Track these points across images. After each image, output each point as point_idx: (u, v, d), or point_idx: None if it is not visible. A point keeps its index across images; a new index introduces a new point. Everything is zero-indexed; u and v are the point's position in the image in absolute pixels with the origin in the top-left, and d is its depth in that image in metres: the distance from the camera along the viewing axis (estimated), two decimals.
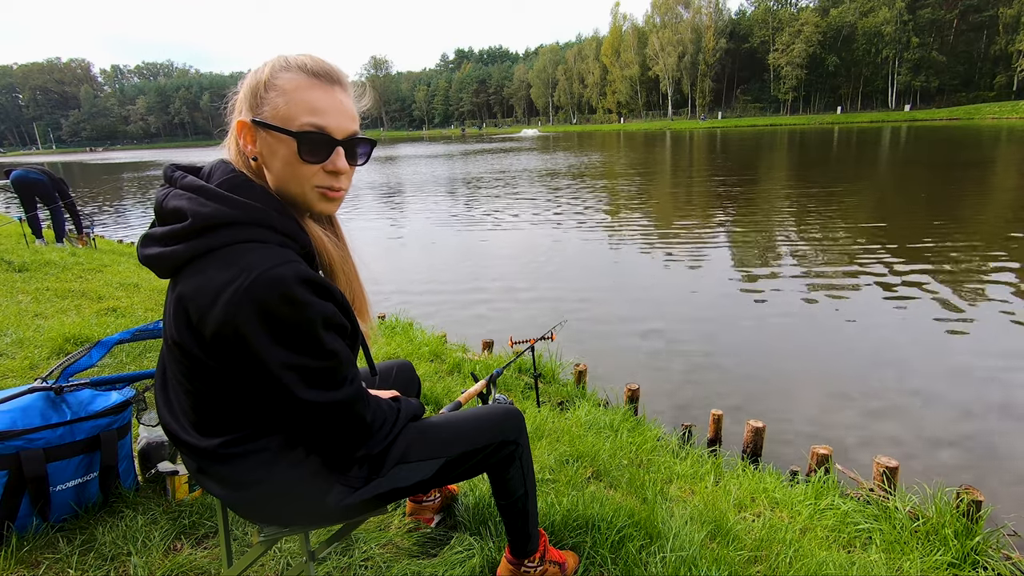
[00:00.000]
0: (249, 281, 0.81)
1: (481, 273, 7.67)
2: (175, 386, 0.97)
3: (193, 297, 0.84)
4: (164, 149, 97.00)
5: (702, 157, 25.93)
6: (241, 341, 0.83)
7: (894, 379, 4.11)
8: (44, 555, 1.42)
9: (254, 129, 0.91)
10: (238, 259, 0.83)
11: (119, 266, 5.79)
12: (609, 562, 1.53)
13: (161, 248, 0.88)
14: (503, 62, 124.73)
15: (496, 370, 1.94)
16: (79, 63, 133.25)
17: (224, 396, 0.92)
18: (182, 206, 0.87)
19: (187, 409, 0.96)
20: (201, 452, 0.96)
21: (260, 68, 0.92)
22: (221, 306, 0.82)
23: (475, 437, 1.19)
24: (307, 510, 1.04)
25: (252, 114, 0.91)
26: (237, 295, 0.81)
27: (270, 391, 0.89)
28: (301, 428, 0.97)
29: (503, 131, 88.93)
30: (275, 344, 0.84)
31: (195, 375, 0.91)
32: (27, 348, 2.95)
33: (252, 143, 0.92)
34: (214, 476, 0.99)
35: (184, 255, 0.86)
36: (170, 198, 0.89)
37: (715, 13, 72.63)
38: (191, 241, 0.86)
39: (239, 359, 0.85)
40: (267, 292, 0.82)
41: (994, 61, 57.83)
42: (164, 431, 1.02)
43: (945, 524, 2.02)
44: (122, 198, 19.73)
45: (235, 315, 0.81)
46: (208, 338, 0.84)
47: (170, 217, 0.89)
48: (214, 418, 0.94)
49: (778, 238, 8.73)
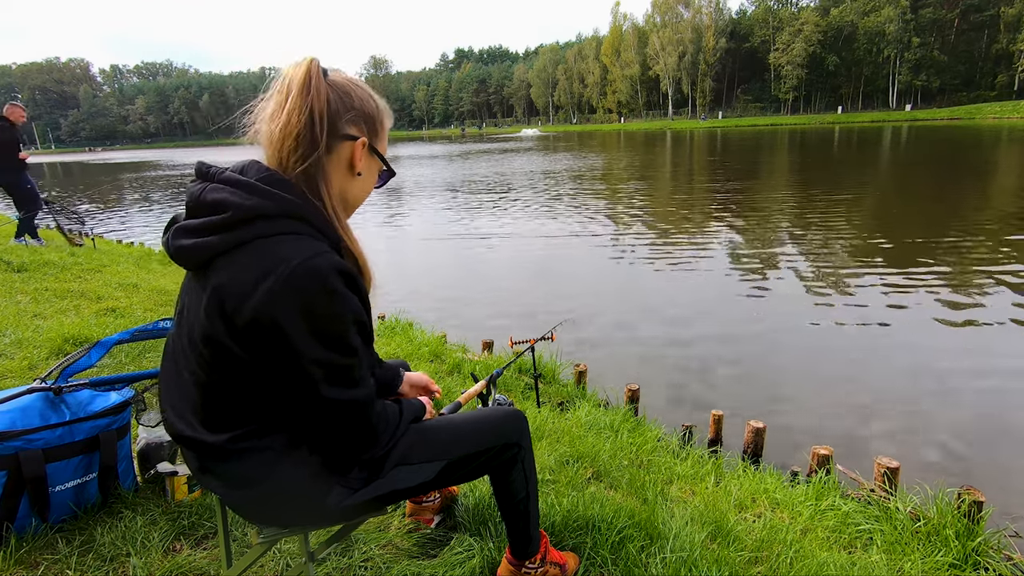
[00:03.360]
0: (289, 271, 0.84)
1: (481, 273, 7.67)
2: (187, 381, 0.96)
3: (230, 286, 0.86)
4: (163, 149, 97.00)
5: (703, 157, 25.92)
6: (277, 330, 0.85)
7: (895, 379, 4.11)
8: (43, 556, 1.42)
9: (368, 152, 1.03)
10: (276, 249, 0.86)
11: (118, 266, 5.78)
12: (609, 563, 1.52)
13: (196, 239, 0.90)
14: (503, 62, 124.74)
15: (496, 370, 1.94)
16: (78, 63, 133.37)
17: (240, 390, 0.92)
18: (223, 199, 0.89)
19: (197, 405, 0.95)
20: (207, 448, 0.96)
21: (366, 96, 1.03)
22: (260, 295, 0.84)
23: (477, 440, 1.18)
24: (307, 510, 1.04)
25: (371, 140, 1.04)
26: (277, 284, 0.84)
27: (293, 384, 0.90)
28: (309, 426, 0.98)
29: (503, 131, 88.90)
30: (309, 335, 0.86)
31: (216, 367, 0.91)
32: (26, 348, 2.94)
33: (361, 160, 1.02)
34: (217, 474, 0.99)
35: (221, 246, 0.88)
36: (208, 191, 0.91)
37: (715, 13, 72.62)
38: (230, 232, 0.88)
39: (270, 349, 0.87)
40: (307, 282, 0.85)
41: (995, 60, 57.83)
42: (167, 429, 1.02)
43: (946, 525, 2.01)
44: (122, 198, 19.72)
45: (274, 304, 0.84)
46: (242, 327, 0.86)
47: (208, 210, 0.90)
48: (224, 413, 0.94)
49: (779, 239, 8.73)
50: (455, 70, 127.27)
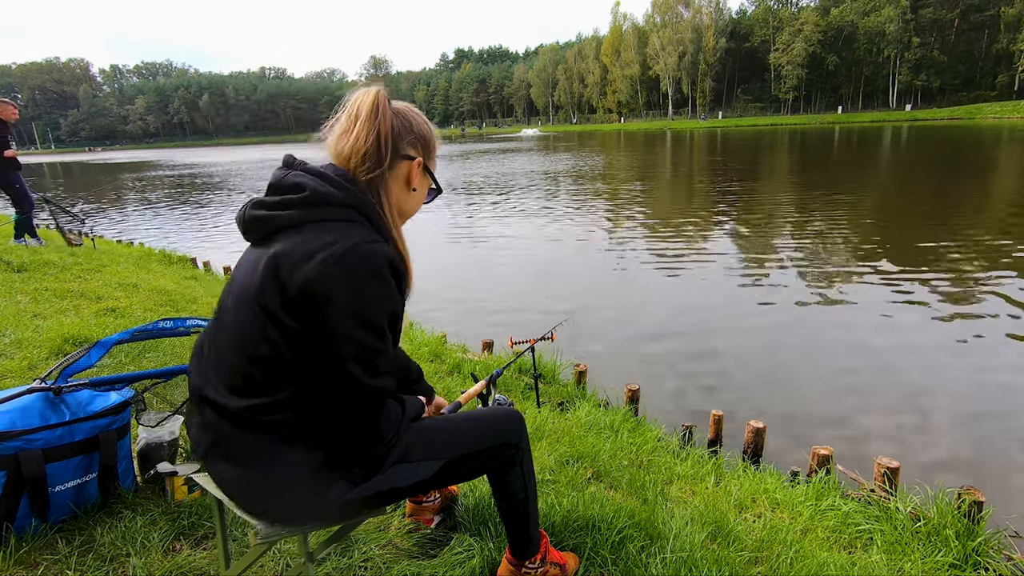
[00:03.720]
0: (345, 249, 0.94)
1: (481, 273, 7.67)
2: (223, 348, 1.03)
3: (290, 254, 0.95)
4: (163, 149, 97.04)
5: (703, 158, 25.92)
6: (323, 300, 0.92)
7: (895, 379, 4.11)
8: (43, 556, 1.42)
9: (423, 171, 1.16)
10: (336, 230, 0.97)
11: (118, 266, 5.78)
12: (609, 563, 1.52)
13: (269, 211, 1.02)
14: (503, 62, 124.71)
15: (496, 370, 1.94)
16: (78, 63, 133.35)
17: (272, 361, 0.98)
18: (303, 182, 1.02)
19: (227, 371, 1.01)
20: (225, 413, 1.00)
21: (423, 122, 1.17)
22: (315, 264, 0.92)
23: (476, 439, 1.19)
24: (308, 504, 1.04)
25: (426, 160, 1.16)
26: (332, 258, 0.93)
27: (324, 358, 0.96)
28: (323, 412, 1.01)
29: (503, 131, 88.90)
30: (350, 311, 0.94)
31: (257, 332, 0.97)
32: (26, 348, 2.94)
33: (416, 178, 1.15)
34: (226, 451, 1.01)
35: (290, 219, 0.99)
36: (290, 176, 1.04)
37: (715, 12, 72.60)
38: (301, 210, 1.00)
39: (312, 319, 0.94)
40: (359, 263, 0.94)
41: (995, 60, 57.82)
42: (193, 394, 1.07)
43: (946, 525, 2.01)
44: (122, 198, 19.72)
45: (326, 275, 0.92)
46: (293, 293, 0.93)
47: (286, 190, 1.03)
48: (251, 381, 0.99)
49: (779, 239, 8.73)
50: (455, 70, 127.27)
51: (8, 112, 6.15)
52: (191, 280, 5.99)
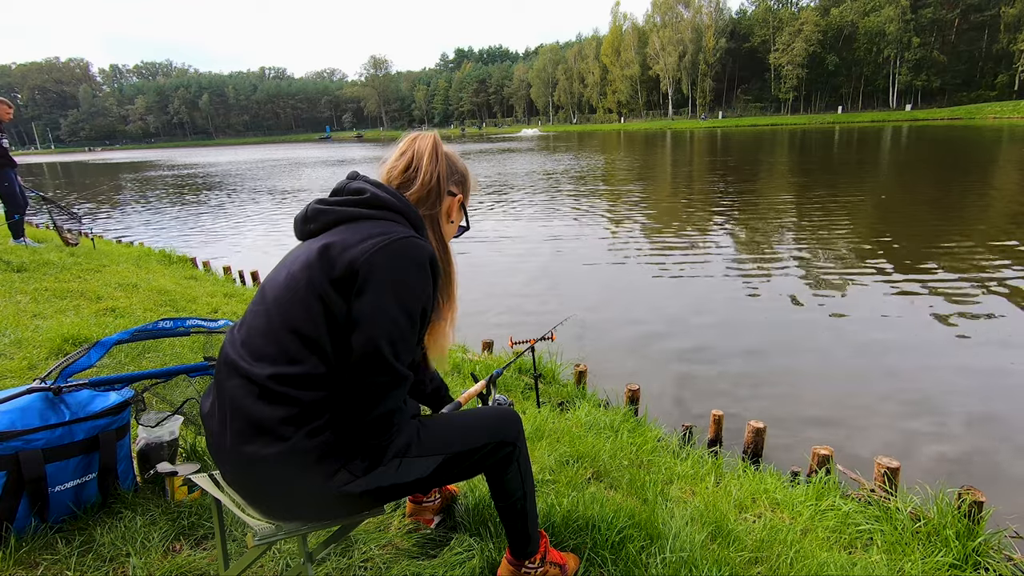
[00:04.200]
0: (393, 239, 1.05)
1: (481, 273, 7.67)
2: (258, 323, 1.08)
3: (342, 241, 1.05)
4: (163, 149, 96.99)
5: (703, 158, 25.91)
6: (368, 278, 1.01)
7: (896, 380, 4.11)
8: (43, 556, 1.42)
9: (460, 208, 1.32)
10: (388, 228, 1.09)
11: (118, 266, 5.78)
12: (609, 563, 1.52)
13: (330, 207, 1.13)
14: (503, 62, 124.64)
15: (496, 370, 1.94)
16: (78, 63, 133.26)
17: (309, 331, 1.03)
18: (364, 187, 1.16)
19: (260, 340, 1.06)
20: (250, 378, 1.03)
21: (464, 166, 1.34)
22: (363, 247, 1.03)
23: (473, 437, 1.21)
24: (307, 491, 1.05)
25: (464, 199, 1.34)
26: (379, 244, 1.03)
27: (358, 335, 1.01)
28: (343, 392, 1.04)
29: (503, 131, 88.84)
30: (389, 294, 1.02)
31: (299, 306, 1.03)
32: (25, 348, 2.94)
33: (455, 212, 1.32)
34: (238, 424, 1.03)
35: (348, 214, 1.12)
36: (353, 183, 1.18)
37: (715, 12, 72.57)
38: (359, 208, 1.12)
39: (356, 295, 1.01)
40: (404, 251, 1.04)
41: (996, 60, 57.79)
42: (223, 361, 1.11)
43: (947, 525, 2.01)
44: (122, 198, 19.72)
45: (373, 257, 1.02)
46: (341, 271, 1.02)
47: (350, 194, 1.16)
48: (282, 350, 1.03)
49: (780, 240, 8.73)
50: (455, 70, 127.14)
51: (2, 111, 6.13)
52: (191, 280, 5.99)
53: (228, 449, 1.06)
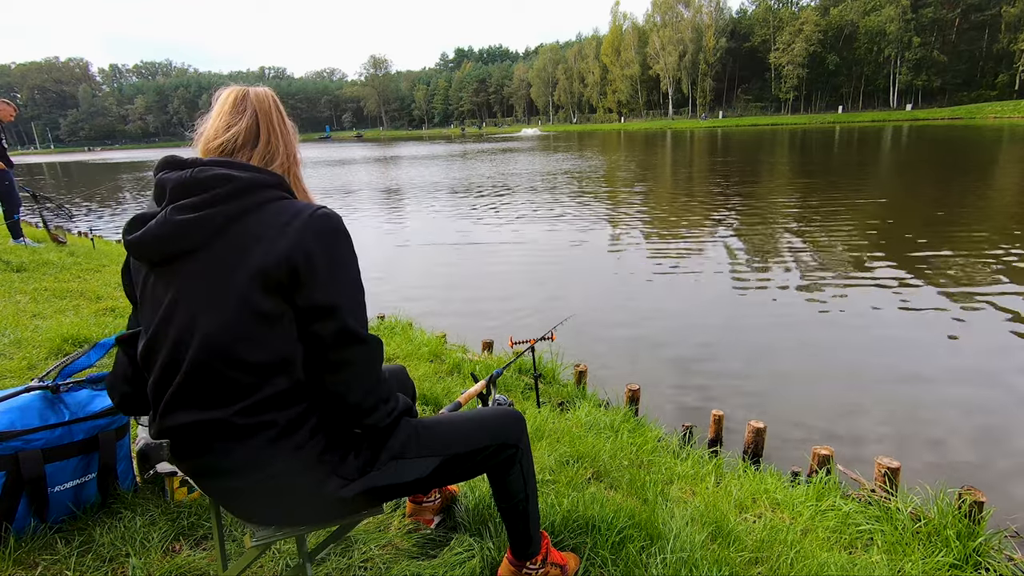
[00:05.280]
0: (309, 215, 0.97)
1: (481, 273, 7.66)
2: (180, 363, 0.96)
3: (260, 236, 0.94)
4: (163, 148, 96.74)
5: (703, 158, 25.91)
6: (308, 266, 0.94)
7: (896, 380, 4.10)
8: (42, 556, 1.41)
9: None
10: (287, 206, 0.99)
11: (118, 266, 5.77)
12: (610, 563, 1.52)
13: (200, 212, 0.94)
14: (503, 61, 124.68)
15: (496, 370, 1.94)
16: (77, 62, 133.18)
17: (258, 354, 0.94)
18: (222, 173, 0.97)
19: (199, 384, 0.95)
20: (212, 427, 0.95)
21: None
22: (291, 234, 0.94)
23: (474, 438, 1.19)
24: (304, 501, 1.03)
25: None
26: (301, 223, 0.95)
27: (320, 319, 0.96)
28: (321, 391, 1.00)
29: (503, 131, 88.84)
30: (334, 269, 0.97)
31: (236, 333, 0.93)
32: (25, 348, 2.94)
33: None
34: (216, 466, 0.97)
35: (234, 211, 0.95)
36: (197, 173, 0.97)
37: (716, 12, 72.58)
38: (237, 200, 0.95)
39: (300, 287, 0.94)
40: (326, 224, 0.97)
41: (996, 60, 57.80)
42: (161, 422, 0.99)
43: (947, 525, 2.01)
44: (122, 198, 19.71)
45: (304, 241, 0.94)
46: (274, 270, 0.92)
47: (203, 187, 0.95)
48: (234, 387, 0.94)
49: (780, 241, 8.72)
50: (455, 70, 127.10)
51: (5, 112, 6.12)
52: None
53: (214, 490, 1.04)
